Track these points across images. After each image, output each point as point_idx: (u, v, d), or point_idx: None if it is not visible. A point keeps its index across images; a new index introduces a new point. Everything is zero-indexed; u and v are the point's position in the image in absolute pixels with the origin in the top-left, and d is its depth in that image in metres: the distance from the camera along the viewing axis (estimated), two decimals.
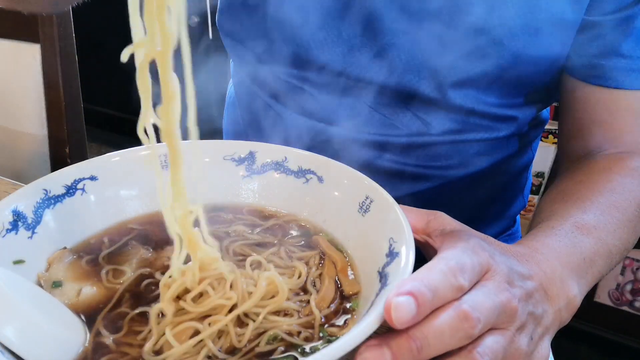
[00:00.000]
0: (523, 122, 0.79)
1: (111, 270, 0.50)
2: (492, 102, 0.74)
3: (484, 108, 0.74)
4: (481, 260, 0.42)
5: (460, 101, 0.73)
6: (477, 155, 0.78)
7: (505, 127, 0.77)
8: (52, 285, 0.47)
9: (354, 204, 0.54)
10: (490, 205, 0.86)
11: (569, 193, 0.65)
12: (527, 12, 0.65)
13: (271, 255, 0.53)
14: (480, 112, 0.74)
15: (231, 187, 0.61)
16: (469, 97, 0.73)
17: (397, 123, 0.75)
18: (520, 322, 0.42)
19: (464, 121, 0.75)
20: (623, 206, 0.60)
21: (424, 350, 0.36)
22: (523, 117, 0.78)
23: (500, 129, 0.77)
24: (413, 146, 0.76)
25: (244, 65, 0.85)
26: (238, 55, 0.85)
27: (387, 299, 0.36)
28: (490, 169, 0.80)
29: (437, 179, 0.78)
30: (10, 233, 0.48)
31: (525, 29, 0.67)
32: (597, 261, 0.54)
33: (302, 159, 0.60)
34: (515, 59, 0.69)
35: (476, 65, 0.70)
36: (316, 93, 0.77)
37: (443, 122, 0.74)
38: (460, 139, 0.76)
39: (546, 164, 0.79)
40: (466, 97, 0.73)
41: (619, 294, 1.73)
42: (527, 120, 0.80)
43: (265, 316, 0.45)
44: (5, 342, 0.37)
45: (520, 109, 0.77)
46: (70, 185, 0.54)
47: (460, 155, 0.78)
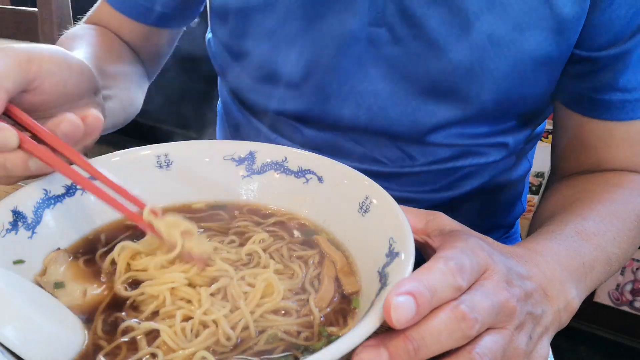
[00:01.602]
0: (515, 146, 0.77)
1: (111, 268, 0.50)
2: (479, 133, 0.73)
3: (469, 141, 0.73)
4: (480, 260, 0.42)
5: (443, 140, 0.72)
6: (467, 179, 0.77)
7: (496, 152, 0.76)
8: (54, 286, 0.47)
9: (354, 204, 0.54)
10: (486, 218, 0.85)
11: (569, 201, 0.65)
12: (509, 55, 0.64)
13: (274, 251, 0.53)
14: (466, 144, 0.73)
15: (231, 187, 0.61)
16: (451, 135, 0.72)
17: (381, 157, 0.75)
18: (519, 321, 0.42)
19: (451, 152, 0.74)
20: (623, 216, 0.60)
21: (421, 350, 0.36)
22: (514, 142, 0.77)
23: (490, 154, 0.76)
24: (398, 175, 0.76)
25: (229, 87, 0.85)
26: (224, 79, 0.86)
27: (387, 298, 0.37)
28: (482, 187, 0.78)
29: (425, 202, 0.78)
30: (10, 233, 0.48)
31: (509, 73, 0.65)
32: (596, 267, 0.54)
33: (302, 159, 0.60)
34: (499, 100, 0.68)
35: (457, 109, 0.69)
36: (299, 125, 0.77)
37: (428, 155, 0.74)
38: (447, 167, 0.75)
39: (546, 164, 0.78)
40: (449, 135, 0.72)
41: (618, 294, 1.73)
42: (519, 143, 0.78)
43: (264, 315, 0.45)
44: (5, 342, 0.37)
45: (511, 134, 0.76)
46: (70, 185, 0.54)
47: (448, 179, 0.77)
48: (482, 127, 0.72)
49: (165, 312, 0.45)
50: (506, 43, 0.63)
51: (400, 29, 0.66)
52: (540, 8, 0.61)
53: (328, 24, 0.68)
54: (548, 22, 0.62)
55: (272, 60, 0.73)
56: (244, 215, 0.59)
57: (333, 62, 0.70)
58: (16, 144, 0.47)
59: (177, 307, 0.45)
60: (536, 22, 0.62)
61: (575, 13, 0.62)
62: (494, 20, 0.62)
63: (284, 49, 0.71)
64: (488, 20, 0.62)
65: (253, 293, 0.47)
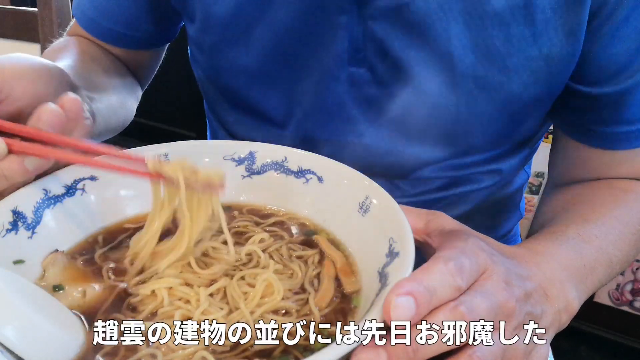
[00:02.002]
0: (509, 171, 0.75)
1: (111, 269, 0.50)
2: (469, 163, 0.71)
3: (459, 172, 0.71)
4: (479, 261, 0.42)
5: (431, 174, 0.70)
6: (459, 204, 0.75)
7: (489, 178, 0.74)
8: (53, 289, 0.47)
9: (354, 204, 0.54)
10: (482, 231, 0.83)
11: (571, 202, 0.64)
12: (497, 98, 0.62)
13: (274, 251, 0.53)
14: (456, 175, 0.71)
15: (231, 187, 0.61)
16: (440, 169, 0.70)
17: None
18: (518, 322, 0.42)
19: (441, 183, 0.72)
20: (625, 220, 0.60)
21: (419, 351, 0.36)
22: (508, 167, 0.74)
23: (483, 181, 0.73)
24: None
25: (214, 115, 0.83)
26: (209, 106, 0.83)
27: (386, 299, 0.37)
28: (476, 208, 0.76)
29: None
30: (10, 233, 0.48)
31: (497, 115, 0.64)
32: (597, 269, 0.54)
33: (302, 159, 0.60)
34: (488, 139, 0.67)
35: (444, 149, 0.68)
36: None
37: (417, 187, 0.72)
38: (437, 196, 0.73)
39: (546, 164, 0.78)
40: (438, 169, 0.70)
41: (618, 294, 1.73)
42: (513, 167, 0.75)
43: (264, 315, 0.45)
44: (5, 342, 0.37)
45: (504, 160, 0.73)
46: (70, 185, 0.54)
47: (438, 206, 0.74)
48: (473, 158, 0.70)
49: (164, 313, 0.45)
50: (493, 86, 0.61)
51: (382, 70, 0.63)
52: (528, 49, 0.59)
53: (306, 63, 0.66)
54: (537, 63, 0.60)
55: (251, 97, 0.70)
56: (243, 215, 0.59)
57: (314, 102, 0.67)
58: (5, 150, 0.46)
59: (175, 307, 0.45)
60: (524, 64, 0.59)
61: (567, 53, 0.59)
62: (480, 64, 0.60)
63: (262, 87, 0.69)
64: (473, 63, 0.60)
65: (253, 293, 0.47)
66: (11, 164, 0.47)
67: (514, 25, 0.57)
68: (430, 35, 0.59)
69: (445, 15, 0.58)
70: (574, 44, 0.59)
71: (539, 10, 0.56)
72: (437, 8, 0.58)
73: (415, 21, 0.59)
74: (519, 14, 0.57)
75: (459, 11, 0.57)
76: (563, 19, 0.57)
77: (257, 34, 0.65)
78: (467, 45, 0.59)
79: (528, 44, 0.58)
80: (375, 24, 0.61)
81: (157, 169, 0.49)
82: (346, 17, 0.61)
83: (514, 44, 0.58)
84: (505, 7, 0.56)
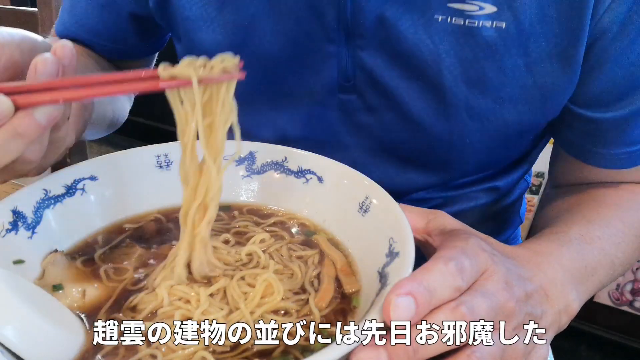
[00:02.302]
0: (507, 187, 0.74)
1: (110, 269, 0.50)
2: (465, 183, 0.70)
3: (455, 192, 0.70)
4: (480, 261, 0.42)
5: (426, 195, 0.70)
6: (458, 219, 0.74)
7: (486, 195, 0.73)
8: (53, 289, 0.47)
9: (354, 204, 0.54)
10: None
11: (575, 203, 0.64)
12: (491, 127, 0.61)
13: (274, 251, 0.53)
14: (452, 195, 0.70)
15: (231, 187, 0.61)
16: (435, 190, 0.69)
17: None
18: (517, 322, 0.42)
19: (437, 203, 0.71)
20: (629, 222, 0.60)
21: (420, 351, 0.36)
22: (506, 184, 0.73)
23: (480, 198, 0.73)
24: None
25: None
26: None
27: (386, 299, 0.37)
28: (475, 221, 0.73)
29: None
30: (10, 233, 0.48)
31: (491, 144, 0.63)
32: (598, 270, 0.54)
33: (302, 159, 0.60)
34: (483, 165, 0.66)
35: (438, 174, 0.67)
36: None
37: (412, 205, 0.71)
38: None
39: (546, 164, 0.77)
40: (432, 191, 0.69)
41: (618, 294, 1.72)
42: (511, 184, 0.74)
43: (264, 316, 0.45)
44: (5, 342, 0.37)
45: (501, 178, 0.72)
46: (70, 185, 0.54)
47: None
48: (468, 179, 0.69)
49: (164, 313, 0.45)
50: (487, 116, 0.60)
51: (372, 98, 0.63)
52: (522, 79, 0.57)
53: (295, 92, 0.65)
54: (532, 93, 0.58)
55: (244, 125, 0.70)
56: (243, 215, 0.59)
57: (304, 129, 0.67)
58: (11, 106, 0.43)
59: (175, 307, 0.45)
60: (519, 93, 0.58)
61: (563, 82, 0.58)
62: (472, 94, 0.59)
63: (251, 114, 0.66)
64: (465, 94, 0.59)
65: (253, 293, 0.47)
66: (22, 119, 0.44)
67: (506, 56, 0.56)
68: (420, 66, 0.58)
69: (435, 47, 0.57)
70: (570, 74, 0.57)
71: (533, 40, 0.55)
72: (427, 39, 0.57)
73: (404, 52, 0.58)
74: (511, 44, 0.55)
75: (449, 43, 0.56)
76: (559, 48, 0.56)
77: (244, 62, 0.64)
78: (459, 76, 0.58)
79: (522, 73, 0.57)
80: (364, 53, 0.60)
81: (170, 73, 0.45)
82: (334, 47, 0.61)
83: (507, 74, 0.57)
84: (497, 38, 0.55)
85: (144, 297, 0.47)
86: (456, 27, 0.55)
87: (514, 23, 0.54)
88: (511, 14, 0.54)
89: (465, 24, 0.55)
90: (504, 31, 0.55)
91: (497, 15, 0.54)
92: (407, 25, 0.57)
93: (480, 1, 0.54)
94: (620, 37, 0.55)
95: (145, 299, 0.46)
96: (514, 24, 0.54)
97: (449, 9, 0.55)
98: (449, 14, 0.55)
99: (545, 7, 0.54)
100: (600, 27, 0.55)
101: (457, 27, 0.55)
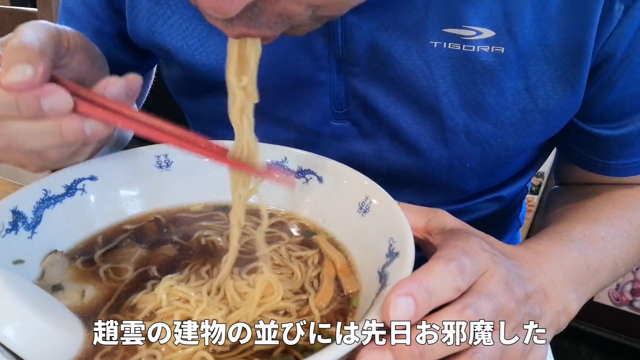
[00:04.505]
0: (511, 197, 0.73)
1: (110, 269, 0.50)
2: (467, 196, 0.69)
3: (457, 206, 0.69)
4: (481, 261, 0.42)
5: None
6: None
7: (490, 206, 0.72)
8: (52, 289, 0.47)
9: (354, 204, 0.54)
10: None
11: (582, 201, 0.63)
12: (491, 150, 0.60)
13: (273, 252, 0.53)
14: (454, 208, 0.69)
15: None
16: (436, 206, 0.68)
17: None
18: (517, 322, 0.42)
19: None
20: (636, 222, 0.59)
21: (426, 354, 0.36)
22: (510, 194, 0.72)
23: (484, 209, 0.72)
24: None
25: None
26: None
27: (386, 299, 0.36)
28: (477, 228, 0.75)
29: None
30: (10, 233, 0.48)
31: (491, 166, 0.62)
32: (600, 271, 0.54)
33: (302, 159, 0.60)
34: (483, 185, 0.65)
35: (438, 196, 0.66)
36: None
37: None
38: None
39: (546, 163, 0.77)
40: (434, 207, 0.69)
41: (618, 294, 1.73)
42: (515, 193, 0.73)
43: (263, 316, 0.45)
44: (5, 342, 0.37)
45: (505, 188, 0.71)
46: (70, 185, 0.54)
47: None
48: (470, 192, 0.68)
49: (163, 313, 0.45)
50: (487, 140, 0.59)
51: (367, 125, 0.61)
52: (522, 102, 0.56)
53: (286, 120, 0.64)
54: (533, 116, 0.57)
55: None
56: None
57: None
58: (71, 106, 0.44)
59: (174, 307, 0.45)
60: (519, 117, 0.57)
61: (565, 104, 0.56)
62: (471, 119, 0.57)
63: None
64: (464, 119, 0.57)
65: (252, 293, 0.47)
66: (72, 121, 0.45)
67: (505, 80, 0.55)
68: (415, 92, 0.57)
69: (431, 72, 0.55)
70: (573, 96, 0.56)
71: (533, 63, 0.54)
72: (422, 65, 0.55)
73: (399, 79, 0.57)
74: (510, 68, 0.54)
75: (445, 68, 0.55)
76: (560, 71, 0.54)
77: None
78: (457, 101, 0.56)
79: (522, 97, 0.56)
80: (356, 80, 0.59)
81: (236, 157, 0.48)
82: (325, 74, 0.59)
83: (507, 98, 0.56)
84: (496, 63, 0.54)
85: (143, 297, 0.47)
86: (453, 52, 0.54)
87: (513, 47, 0.53)
88: (510, 39, 0.53)
89: (462, 49, 0.54)
90: (502, 56, 0.53)
91: (495, 40, 0.53)
92: (400, 51, 0.55)
93: (477, 26, 0.53)
94: (628, 59, 0.54)
95: (144, 299, 0.46)
96: (513, 48, 0.53)
97: (444, 34, 0.53)
98: (445, 40, 0.54)
99: (546, 29, 0.52)
100: (606, 51, 0.53)
101: (454, 52, 0.54)
